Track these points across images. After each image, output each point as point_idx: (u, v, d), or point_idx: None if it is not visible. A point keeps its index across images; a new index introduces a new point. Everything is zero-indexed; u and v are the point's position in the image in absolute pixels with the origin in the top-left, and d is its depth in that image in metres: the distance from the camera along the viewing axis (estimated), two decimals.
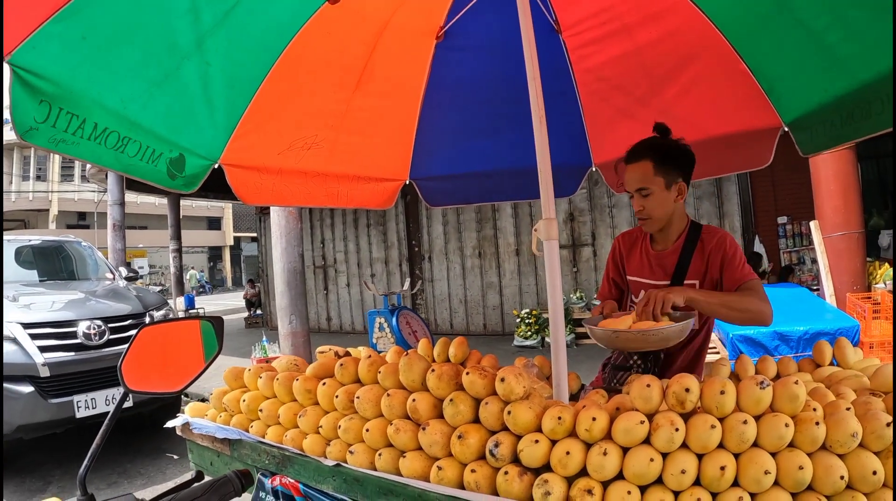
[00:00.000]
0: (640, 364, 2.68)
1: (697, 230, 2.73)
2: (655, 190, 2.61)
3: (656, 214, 2.63)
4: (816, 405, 1.66)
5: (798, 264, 11.04)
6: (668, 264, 2.74)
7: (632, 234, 3.00)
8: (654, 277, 2.79)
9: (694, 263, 2.67)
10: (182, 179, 2.67)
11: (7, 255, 8.10)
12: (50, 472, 6.32)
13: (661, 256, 2.78)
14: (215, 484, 1.56)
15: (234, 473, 1.62)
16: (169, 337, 1.52)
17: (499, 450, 1.67)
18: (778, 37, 2.59)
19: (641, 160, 2.60)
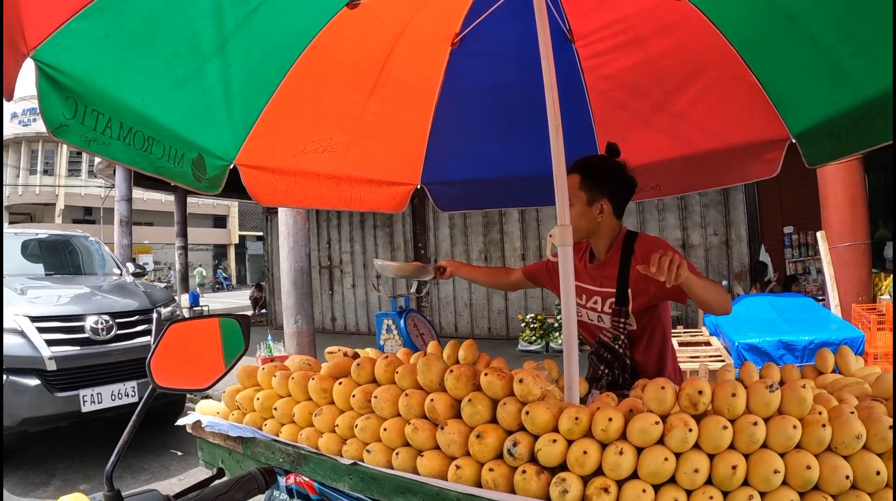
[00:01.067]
0: (608, 373, 2.76)
1: (632, 240, 2.79)
2: (577, 203, 2.72)
3: (576, 224, 2.66)
4: (822, 409, 1.68)
5: (803, 274, 11.05)
6: (608, 274, 2.81)
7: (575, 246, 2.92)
8: (596, 284, 2.88)
9: (632, 270, 2.70)
10: (206, 181, 2.71)
11: (13, 248, 8.15)
12: (54, 465, 6.35)
13: (599, 266, 2.88)
14: (240, 481, 1.57)
15: (258, 470, 1.63)
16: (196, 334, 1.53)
17: (517, 449, 1.69)
18: (787, 50, 2.63)
19: (571, 174, 2.70)
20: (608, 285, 2.81)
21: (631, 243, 2.78)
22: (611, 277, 2.79)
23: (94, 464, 6.32)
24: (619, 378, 2.73)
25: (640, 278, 2.66)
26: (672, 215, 11.87)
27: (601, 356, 2.77)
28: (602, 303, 2.84)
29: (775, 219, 11.35)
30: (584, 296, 2.92)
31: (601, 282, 2.85)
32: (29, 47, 1.72)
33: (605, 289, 2.83)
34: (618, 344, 2.73)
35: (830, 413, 1.68)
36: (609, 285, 2.80)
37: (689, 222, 11.74)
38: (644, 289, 2.68)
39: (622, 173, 2.78)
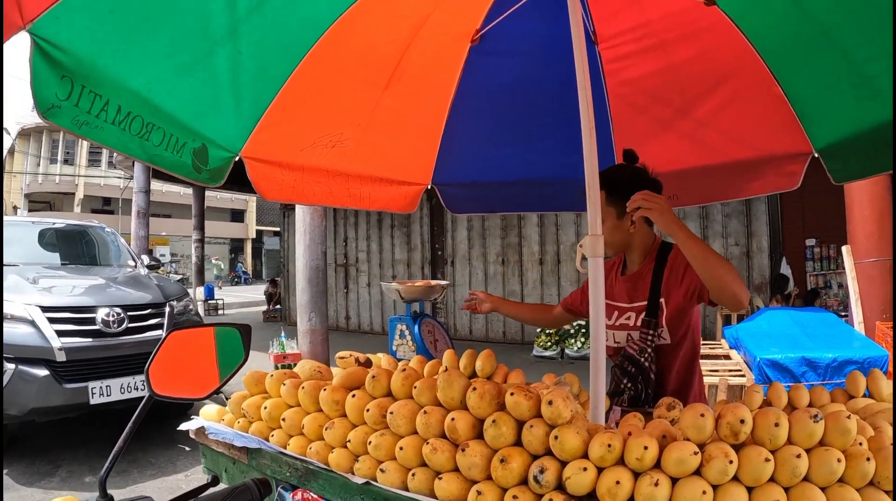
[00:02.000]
0: (631, 387, 2.63)
1: (667, 250, 2.72)
2: (607, 218, 2.62)
3: (609, 240, 2.61)
4: (862, 439, 1.63)
5: (825, 287, 10.90)
6: (641, 286, 2.73)
7: (608, 261, 2.98)
8: (627, 300, 2.78)
9: (667, 282, 2.65)
10: (207, 173, 2.59)
11: (30, 236, 8.17)
12: (59, 456, 6.32)
13: (632, 278, 2.79)
14: (234, 491, 1.51)
15: (253, 481, 1.56)
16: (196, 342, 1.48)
17: (544, 476, 1.59)
18: (816, 63, 2.55)
19: None
20: (641, 299, 2.72)
21: (665, 253, 2.71)
22: (643, 289, 2.71)
23: (99, 457, 6.27)
24: (641, 393, 2.62)
25: (667, 286, 2.63)
26: (693, 223, 11.74)
27: (625, 370, 2.65)
28: (636, 318, 2.72)
29: (797, 231, 11.21)
30: (614, 314, 2.81)
31: (633, 296, 2.76)
32: (25, 19, 1.60)
33: (637, 303, 2.73)
34: (644, 357, 2.62)
35: (871, 445, 1.63)
36: (642, 298, 2.71)
37: (711, 232, 11.62)
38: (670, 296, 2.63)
39: (644, 179, 2.71)
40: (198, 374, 1.44)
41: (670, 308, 2.64)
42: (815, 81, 2.66)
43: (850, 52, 2.30)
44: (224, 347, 1.49)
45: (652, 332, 2.62)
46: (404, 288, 3.44)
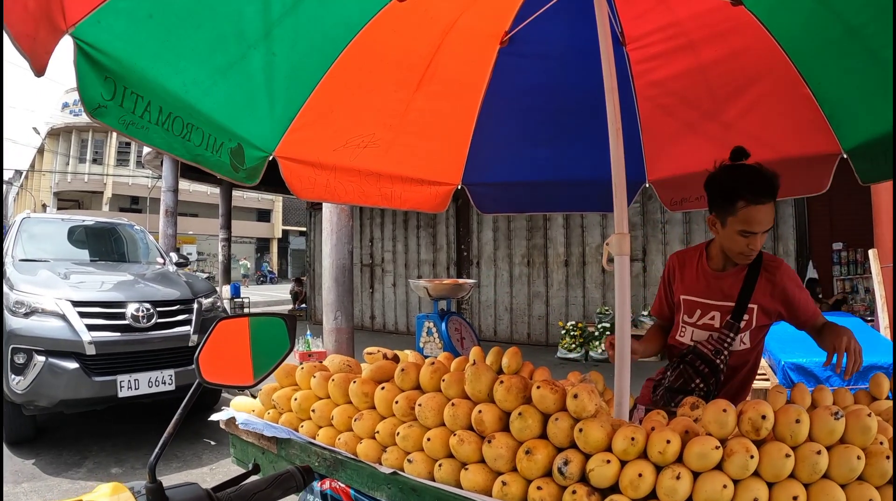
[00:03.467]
0: (703, 387, 2.61)
1: (759, 256, 2.67)
2: (771, 226, 2.54)
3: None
4: (883, 439, 1.64)
5: (851, 292, 10.77)
6: (729, 285, 2.68)
7: (686, 253, 2.95)
8: (710, 296, 2.73)
9: (759, 289, 2.62)
10: (244, 172, 2.64)
11: (60, 233, 8.31)
12: (87, 447, 6.40)
13: (721, 276, 2.73)
14: (279, 478, 1.55)
15: (297, 468, 1.60)
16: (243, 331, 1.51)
17: (568, 468, 1.62)
18: (845, 63, 2.54)
19: (770, 200, 2.46)
20: (728, 299, 2.68)
21: (759, 259, 2.67)
22: (733, 289, 2.67)
23: (126, 449, 6.36)
24: (711, 394, 2.61)
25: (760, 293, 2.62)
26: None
27: (697, 368, 2.62)
28: (721, 319, 2.69)
29: (825, 235, 11.08)
30: (697, 312, 2.77)
31: (718, 294, 2.72)
32: (68, 24, 1.65)
33: (725, 303, 2.69)
34: (719, 359, 2.60)
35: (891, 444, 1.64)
36: (729, 298, 2.68)
37: None
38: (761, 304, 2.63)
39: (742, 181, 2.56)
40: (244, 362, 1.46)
41: (759, 316, 2.64)
42: (844, 80, 2.64)
43: (879, 51, 2.29)
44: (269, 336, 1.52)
45: (732, 334, 2.62)
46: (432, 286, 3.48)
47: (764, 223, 2.44)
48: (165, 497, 1.29)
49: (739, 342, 2.64)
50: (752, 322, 2.63)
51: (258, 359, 1.48)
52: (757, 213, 2.41)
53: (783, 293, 2.61)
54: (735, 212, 2.45)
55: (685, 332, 2.79)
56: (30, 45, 1.41)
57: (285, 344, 1.53)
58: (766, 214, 2.43)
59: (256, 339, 1.50)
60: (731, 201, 2.46)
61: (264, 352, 1.49)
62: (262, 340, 1.51)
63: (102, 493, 1.23)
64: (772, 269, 2.65)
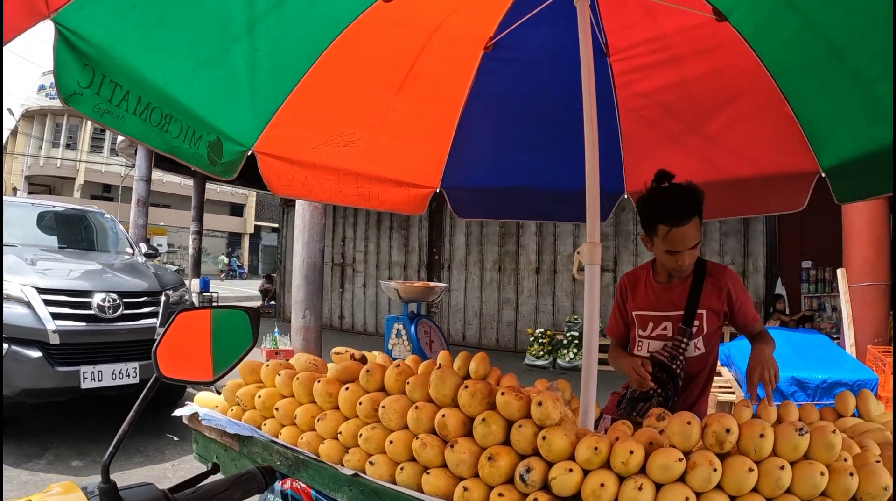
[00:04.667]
0: (661, 393, 2.69)
1: (702, 263, 2.81)
2: (698, 243, 2.66)
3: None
4: (847, 456, 1.66)
5: (819, 310, 10.93)
6: (677, 295, 2.80)
7: (635, 273, 3.06)
8: (660, 308, 2.84)
9: (705, 294, 2.75)
10: (222, 166, 2.63)
11: (30, 218, 8.13)
12: (48, 439, 6.30)
13: (669, 288, 2.84)
14: (240, 479, 1.52)
15: (258, 468, 1.58)
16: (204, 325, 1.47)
17: (530, 476, 1.62)
18: (827, 83, 2.58)
19: (692, 218, 2.57)
20: (676, 308, 2.78)
21: (703, 267, 2.81)
22: (680, 298, 2.78)
23: (88, 441, 6.27)
24: (670, 400, 2.68)
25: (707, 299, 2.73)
26: None
27: (655, 376, 2.68)
28: (673, 328, 2.79)
29: (794, 252, 11.24)
30: (650, 325, 2.87)
31: (667, 305, 2.82)
32: (51, 8, 1.63)
33: (675, 312, 2.79)
34: (675, 364, 2.69)
35: (855, 461, 1.67)
36: (677, 307, 2.78)
37: (708, 249, 11.65)
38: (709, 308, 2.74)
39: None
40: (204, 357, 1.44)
41: (709, 320, 2.74)
42: (825, 100, 2.69)
43: (861, 72, 2.34)
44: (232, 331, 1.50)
45: (686, 340, 2.71)
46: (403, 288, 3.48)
47: (687, 242, 2.58)
48: (119, 497, 1.26)
49: (694, 348, 2.73)
50: (704, 327, 2.74)
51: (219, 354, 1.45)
52: (676, 235, 2.55)
53: (728, 295, 2.75)
54: (658, 234, 2.60)
55: (642, 345, 2.87)
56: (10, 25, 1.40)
57: (248, 339, 1.51)
58: (687, 234, 2.56)
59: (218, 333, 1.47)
60: (653, 225, 2.61)
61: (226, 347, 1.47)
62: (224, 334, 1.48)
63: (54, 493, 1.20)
64: (716, 274, 2.79)
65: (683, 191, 2.62)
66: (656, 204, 2.62)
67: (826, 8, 2.26)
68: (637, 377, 2.62)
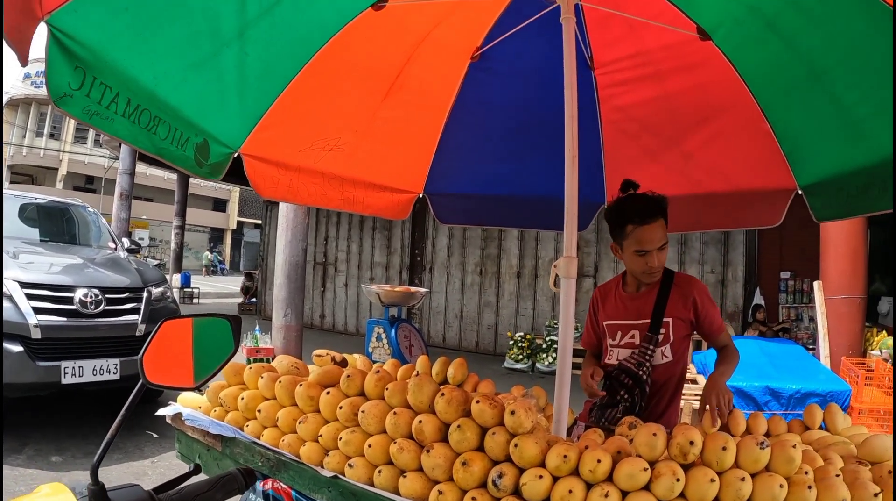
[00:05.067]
0: (628, 399, 2.75)
1: (670, 273, 2.90)
2: (665, 244, 2.75)
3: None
4: (808, 469, 1.70)
5: (796, 320, 11.05)
6: (644, 304, 2.87)
7: (606, 286, 3.16)
8: (628, 317, 2.92)
9: (672, 303, 2.82)
10: (208, 167, 2.65)
11: (11, 210, 8.04)
12: (28, 434, 6.26)
13: (636, 297, 2.93)
14: (221, 480, 1.56)
15: (239, 470, 1.62)
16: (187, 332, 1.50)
17: (502, 481, 1.67)
18: (806, 103, 2.65)
19: (658, 218, 2.69)
20: (644, 317, 2.86)
21: (670, 276, 2.89)
22: (647, 307, 2.85)
23: (67, 436, 6.25)
24: (636, 405, 2.74)
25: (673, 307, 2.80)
26: (671, 248, 11.75)
27: (621, 382, 2.76)
28: (639, 336, 2.86)
29: (773, 263, 11.35)
30: (619, 334, 2.95)
31: (638, 314, 2.89)
32: (44, 11, 1.66)
33: (642, 321, 2.86)
34: (642, 371, 2.75)
35: (816, 474, 1.71)
36: (644, 316, 2.85)
37: (688, 258, 11.75)
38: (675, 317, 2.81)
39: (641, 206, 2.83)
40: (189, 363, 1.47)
41: (676, 328, 2.80)
42: (804, 120, 2.75)
43: (840, 94, 2.40)
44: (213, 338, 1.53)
45: (652, 347, 2.77)
46: (384, 292, 3.51)
47: (655, 241, 2.68)
48: (108, 498, 1.27)
49: (661, 356, 2.80)
50: (671, 335, 2.80)
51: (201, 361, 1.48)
52: (644, 232, 2.66)
53: (693, 303, 2.82)
54: (626, 235, 2.70)
55: (612, 354, 2.95)
56: (17, 37, 1.44)
57: (230, 346, 1.54)
58: (655, 232, 2.67)
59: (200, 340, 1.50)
60: (622, 226, 2.72)
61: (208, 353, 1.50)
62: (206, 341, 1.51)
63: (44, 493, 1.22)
64: (682, 283, 2.87)
65: (648, 196, 2.74)
66: (624, 206, 2.75)
67: (806, 32, 2.32)
68: (585, 387, 2.75)
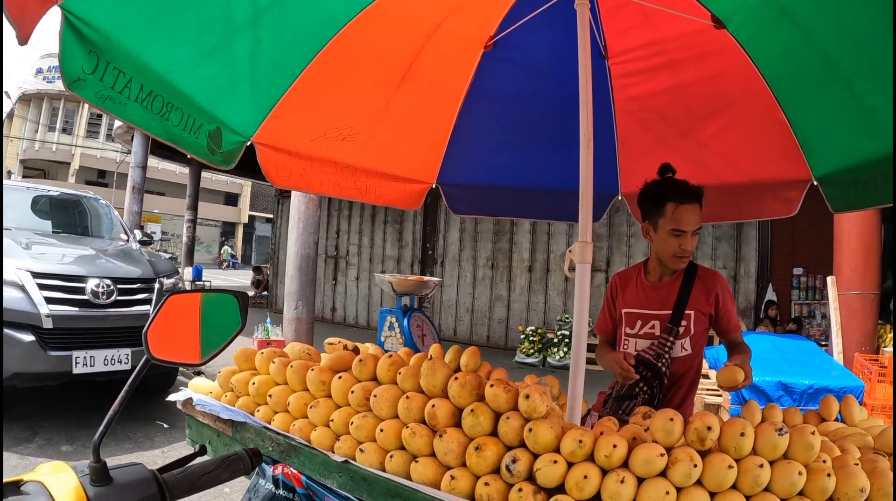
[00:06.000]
0: (647, 391, 2.74)
1: (694, 266, 2.88)
2: (698, 230, 2.74)
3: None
4: (826, 457, 1.68)
5: (808, 316, 10.99)
6: (667, 294, 2.85)
7: (626, 273, 3.13)
8: (649, 306, 2.89)
9: (694, 295, 2.80)
10: (221, 155, 2.64)
11: (24, 202, 8.12)
12: (38, 423, 6.32)
13: (658, 287, 2.90)
14: (227, 460, 1.54)
15: (245, 451, 1.60)
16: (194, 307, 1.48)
17: (515, 466, 1.66)
18: (821, 92, 2.62)
19: (695, 202, 2.68)
20: (665, 307, 2.83)
21: (695, 269, 2.87)
22: (669, 298, 2.83)
23: (77, 426, 6.30)
24: (655, 397, 2.73)
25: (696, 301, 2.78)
26: None
27: (640, 373, 2.73)
28: (660, 327, 2.84)
29: (786, 259, 11.29)
30: (638, 323, 2.91)
31: (657, 303, 2.87)
32: None
33: (664, 312, 2.84)
34: (661, 362, 2.74)
35: (834, 463, 1.69)
36: (666, 307, 2.83)
37: (700, 253, 11.69)
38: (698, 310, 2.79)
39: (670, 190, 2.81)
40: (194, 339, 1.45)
41: (697, 321, 2.78)
42: (819, 109, 2.73)
43: (854, 83, 2.37)
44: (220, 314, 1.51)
45: (672, 339, 2.75)
46: (397, 281, 3.50)
47: (692, 223, 2.67)
48: (109, 476, 1.27)
49: (681, 348, 2.78)
50: (691, 328, 2.78)
51: (208, 337, 1.47)
52: (684, 212, 2.64)
53: (715, 298, 2.80)
54: (665, 214, 2.68)
55: (628, 343, 2.92)
56: (18, 13, 1.42)
57: (237, 322, 1.52)
58: (693, 214, 2.66)
59: (207, 316, 1.48)
60: (661, 205, 2.69)
61: (215, 330, 1.48)
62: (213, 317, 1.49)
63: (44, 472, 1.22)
64: (706, 277, 2.85)
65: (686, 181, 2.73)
66: (664, 186, 2.74)
67: (821, 20, 2.29)
68: (620, 370, 2.67)
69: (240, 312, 1.56)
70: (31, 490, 1.15)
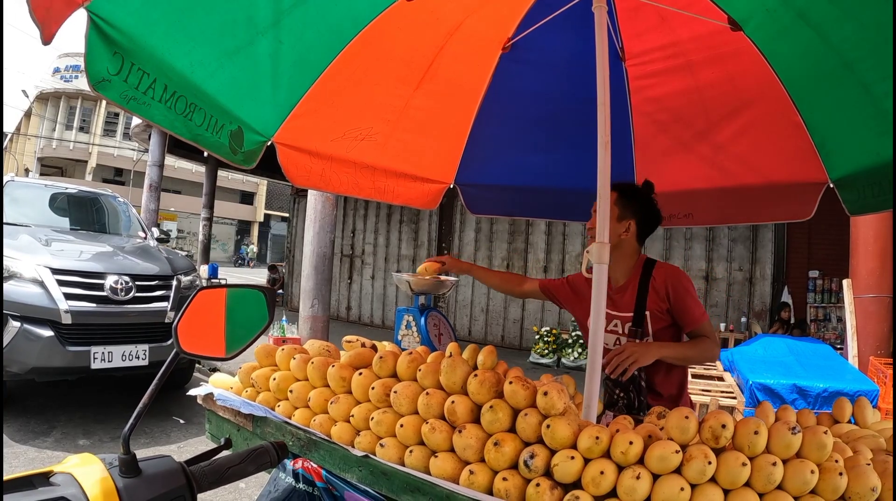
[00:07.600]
0: (624, 397, 2.77)
1: (650, 266, 2.87)
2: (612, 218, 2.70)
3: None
4: (838, 457, 1.68)
5: (823, 320, 10.94)
6: (627, 298, 2.86)
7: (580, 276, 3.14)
8: (613, 308, 2.89)
9: (649, 296, 2.80)
10: (242, 155, 2.67)
11: (42, 199, 8.24)
12: (55, 417, 6.41)
13: (619, 290, 2.91)
14: (253, 453, 1.56)
15: (271, 444, 1.62)
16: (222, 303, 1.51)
17: (533, 462, 1.67)
18: (838, 94, 2.62)
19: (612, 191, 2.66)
20: (626, 310, 2.85)
21: (650, 268, 2.85)
22: (630, 301, 2.84)
23: (94, 421, 6.37)
24: (634, 402, 2.74)
25: (652, 301, 2.77)
26: (699, 245, 11.79)
27: (616, 381, 2.75)
28: (622, 326, 2.86)
29: (802, 261, 11.26)
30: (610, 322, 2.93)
31: (620, 306, 2.88)
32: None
33: (623, 313, 2.86)
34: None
35: (847, 463, 1.69)
36: (628, 309, 2.84)
37: (715, 255, 11.67)
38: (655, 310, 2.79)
39: (652, 204, 2.91)
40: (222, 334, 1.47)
41: (654, 321, 2.79)
42: (836, 112, 2.72)
43: (871, 86, 2.37)
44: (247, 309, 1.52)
45: (637, 340, 2.75)
46: (414, 280, 3.51)
47: None
48: (139, 468, 1.28)
49: None
50: (649, 329, 2.79)
51: (234, 332, 1.48)
52: None
53: (666, 293, 2.78)
54: None
55: None
56: (43, 14, 1.45)
57: (264, 318, 1.53)
58: None
59: (233, 311, 1.50)
60: None
61: (241, 325, 1.49)
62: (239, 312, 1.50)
63: (73, 463, 1.23)
64: (657, 274, 2.84)
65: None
66: None
67: (838, 22, 2.29)
68: None
69: (267, 307, 1.58)
70: (60, 481, 1.16)
